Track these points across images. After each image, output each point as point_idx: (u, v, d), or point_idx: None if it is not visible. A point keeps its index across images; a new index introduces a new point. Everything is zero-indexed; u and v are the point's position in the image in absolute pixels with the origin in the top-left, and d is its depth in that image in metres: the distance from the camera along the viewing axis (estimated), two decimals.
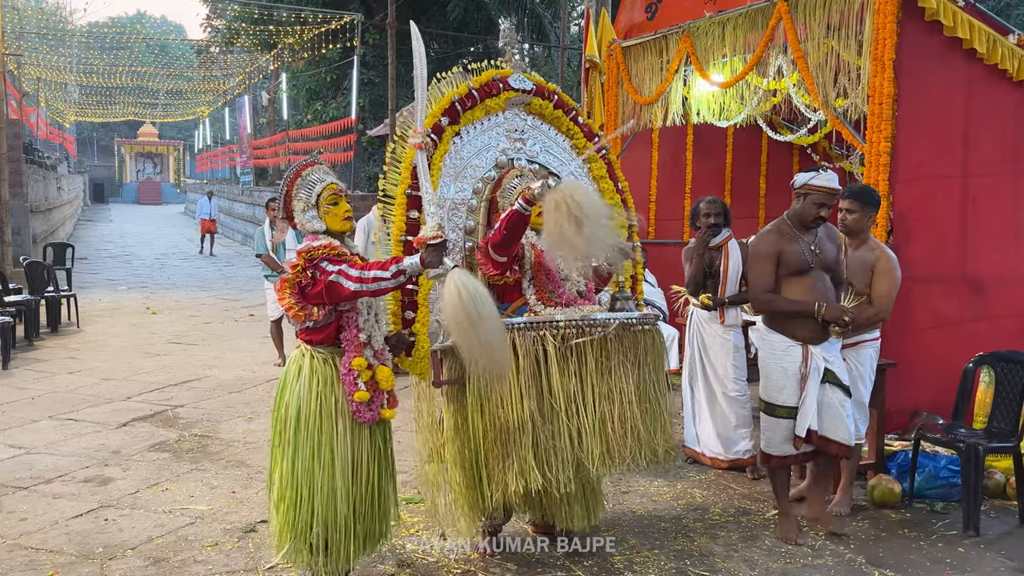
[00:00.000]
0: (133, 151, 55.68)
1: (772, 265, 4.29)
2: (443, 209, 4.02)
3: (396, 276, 3.30)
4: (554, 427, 3.66)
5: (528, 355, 3.68)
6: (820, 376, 4.24)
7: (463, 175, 4.17)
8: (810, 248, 4.27)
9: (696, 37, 6.97)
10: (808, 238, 4.29)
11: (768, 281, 4.31)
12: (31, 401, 7.19)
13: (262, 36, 23.20)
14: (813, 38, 5.83)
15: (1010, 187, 5.72)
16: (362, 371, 3.46)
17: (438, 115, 4.01)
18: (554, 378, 3.69)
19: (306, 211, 3.53)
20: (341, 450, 3.44)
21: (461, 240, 4.11)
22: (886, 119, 5.29)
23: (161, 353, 9.41)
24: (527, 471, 3.60)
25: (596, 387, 3.77)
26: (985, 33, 5.41)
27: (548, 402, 3.68)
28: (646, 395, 3.91)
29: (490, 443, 3.67)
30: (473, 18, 21.40)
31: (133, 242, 26.31)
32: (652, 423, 3.90)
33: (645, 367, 3.93)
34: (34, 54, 29.98)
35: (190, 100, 43.34)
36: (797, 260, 4.25)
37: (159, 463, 5.57)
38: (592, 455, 3.68)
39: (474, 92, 4.12)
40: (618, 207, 4.44)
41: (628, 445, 3.78)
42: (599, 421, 3.74)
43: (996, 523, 4.64)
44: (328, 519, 3.42)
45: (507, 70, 4.27)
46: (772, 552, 4.22)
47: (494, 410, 3.67)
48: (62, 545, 4.25)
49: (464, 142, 4.18)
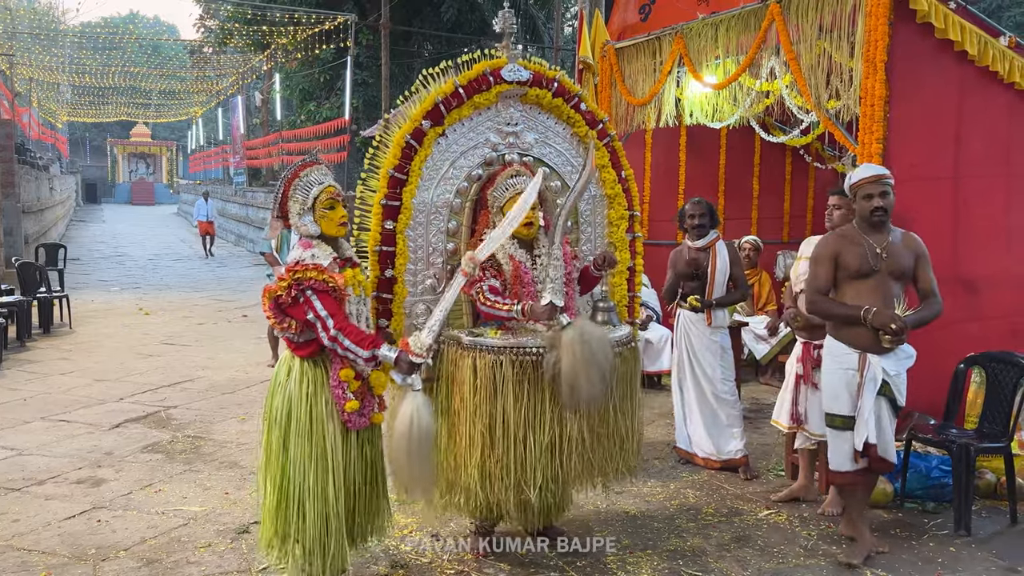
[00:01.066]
0: (126, 151, 55.51)
1: (828, 267, 4.12)
2: (422, 214, 3.98)
3: (369, 361, 3.34)
4: (502, 450, 3.63)
5: (485, 378, 3.65)
6: (876, 387, 4.01)
7: (447, 176, 4.05)
8: (875, 251, 4.02)
9: (689, 38, 6.98)
10: (875, 240, 4.04)
11: (822, 283, 4.14)
12: (23, 402, 7.17)
13: (255, 36, 23.16)
14: (805, 40, 5.85)
15: (1002, 188, 5.74)
16: (350, 381, 3.45)
17: (419, 119, 3.89)
18: (508, 403, 3.63)
19: (302, 214, 3.47)
20: (331, 451, 3.44)
21: (443, 243, 4.06)
22: (878, 120, 5.31)
23: (154, 354, 9.39)
24: (472, 490, 3.66)
25: (550, 411, 3.66)
26: (976, 35, 5.44)
27: (499, 425, 3.64)
28: (605, 417, 3.80)
29: (443, 455, 3.76)
30: (467, 19, 21.38)
31: (126, 243, 26.23)
32: (610, 445, 3.81)
33: (614, 388, 3.82)
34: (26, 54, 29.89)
35: (183, 100, 43.22)
36: (856, 262, 4.04)
37: (152, 464, 5.56)
38: (535, 481, 3.63)
39: (460, 90, 3.93)
40: (619, 197, 4.42)
41: (574, 469, 3.71)
42: (547, 447, 3.65)
43: (987, 523, 4.66)
44: (319, 520, 3.42)
45: (501, 60, 4.05)
46: (765, 552, 4.24)
47: (449, 426, 3.75)
48: (55, 546, 4.24)
49: (450, 141, 4.03)
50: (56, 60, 33.66)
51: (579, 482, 3.81)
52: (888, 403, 4.07)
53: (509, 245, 3.92)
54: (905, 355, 4.09)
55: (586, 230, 4.40)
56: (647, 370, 7.71)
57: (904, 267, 4.05)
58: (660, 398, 7.20)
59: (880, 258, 4.02)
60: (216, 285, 16.45)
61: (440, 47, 22.69)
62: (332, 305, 3.35)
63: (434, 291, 3.98)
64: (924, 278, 4.11)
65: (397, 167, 3.88)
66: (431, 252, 4.02)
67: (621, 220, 4.42)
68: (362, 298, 3.59)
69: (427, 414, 3.37)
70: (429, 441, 3.38)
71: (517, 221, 3.74)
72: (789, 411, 4.93)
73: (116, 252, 23.33)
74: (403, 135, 3.89)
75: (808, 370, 4.81)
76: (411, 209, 3.92)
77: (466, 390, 3.68)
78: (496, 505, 3.75)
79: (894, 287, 4.05)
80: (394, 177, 3.88)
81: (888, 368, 4.02)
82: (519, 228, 3.84)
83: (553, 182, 4.28)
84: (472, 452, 3.66)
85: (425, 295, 3.98)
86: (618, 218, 4.41)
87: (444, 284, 3.95)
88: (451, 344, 3.80)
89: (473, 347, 3.69)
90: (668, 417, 6.08)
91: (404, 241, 3.92)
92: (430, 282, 4.01)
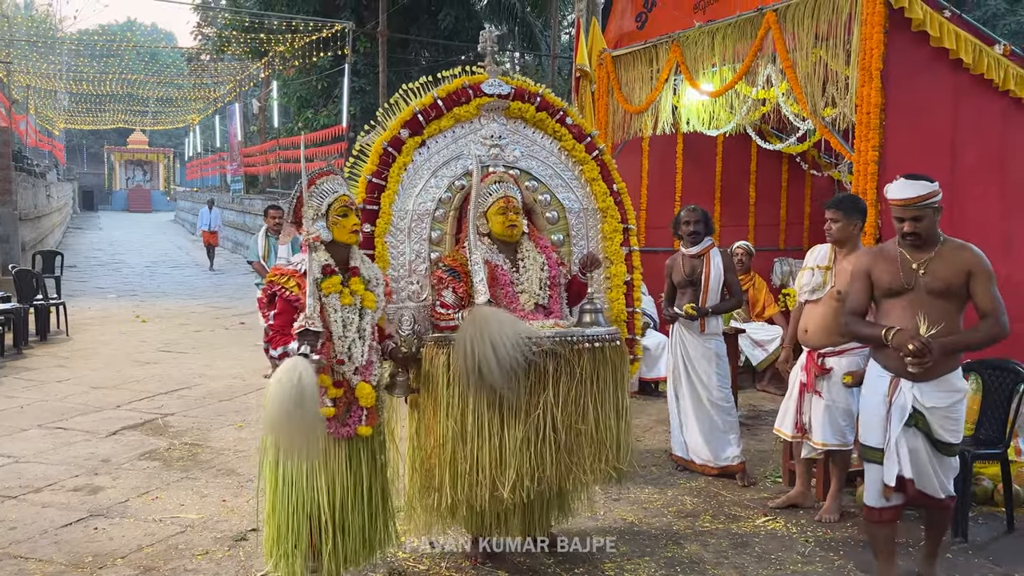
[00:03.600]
0: (123, 159, 55.47)
1: (860, 284, 3.82)
2: (404, 221, 4.06)
3: (280, 357, 3.34)
4: (475, 447, 3.60)
5: (456, 372, 3.62)
6: (904, 416, 3.62)
7: (429, 186, 4.13)
8: (909, 267, 3.65)
9: (686, 46, 7.01)
10: (914, 256, 3.67)
11: (856, 301, 3.83)
12: (20, 410, 7.15)
13: (253, 44, 23.17)
14: (801, 48, 5.88)
15: (997, 195, 5.77)
16: (328, 388, 3.45)
17: (397, 128, 4.02)
18: (479, 397, 3.59)
19: (315, 220, 3.52)
20: (324, 460, 3.43)
21: (426, 251, 4.11)
22: (874, 128, 5.34)
23: (151, 361, 9.38)
24: (443, 491, 3.65)
25: (524, 405, 3.58)
26: (971, 43, 5.47)
27: (471, 422, 3.61)
28: (584, 413, 3.67)
29: (424, 456, 3.80)
30: (464, 26, 21.41)
31: (123, 250, 26.21)
32: (591, 444, 3.69)
33: (589, 384, 3.68)
34: (24, 61, 29.92)
35: (180, 108, 43.26)
36: (887, 279, 3.71)
37: (149, 471, 5.56)
38: (507, 478, 3.55)
39: (439, 102, 4.08)
40: (611, 210, 4.43)
41: (552, 466, 3.61)
42: (521, 442, 3.56)
43: (984, 529, 4.66)
44: (315, 528, 3.41)
45: (481, 76, 4.19)
46: (762, 559, 4.24)
47: (426, 426, 3.77)
48: (51, 554, 4.23)
49: (431, 152, 4.15)
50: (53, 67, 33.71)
51: (560, 481, 3.69)
52: (926, 439, 3.64)
53: (485, 249, 3.96)
54: (951, 388, 3.65)
55: (578, 243, 4.41)
56: (644, 376, 7.73)
57: (946, 284, 3.61)
58: (657, 405, 7.21)
59: (916, 275, 3.65)
60: (213, 292, 16.45)
61: (438, 55, 22.74)
62: (283, 316, 3.40)
63: (418, 298, 4.04)
64: (978, 295, 3.62)
65: (375, 173, 4.02)
66: (414, 259, 4.09)
67: (615, 233, 4.43)
68: (356, 308, 3.53)
69: (305, 373, 3.15)
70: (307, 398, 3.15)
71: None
72: (793, 420, 4.89)
73: (113, 259, 23.32)
74: (381, 143, 4.05)
75: (811, 379, 4.76)
76: (390, 214, 4.02)
77: (440, 386, 3.69)
78: (473, 509, 3.74)
79: (936, 305, 3.61)
80: (372, 182, 4.01)
81: (924, 399, 3.62)
82: (503, 230, 3.95)
83: (542, 195, 4.32)
84: (443, 450, 3.65)
85: (408, 302, 4.02)
86: (611, 231, 4.43)
87: (427, 292, 4.03)
88: (428, 344, 3.83)
89: (445, 342, 3.71)
90: (665, 424, 6.08)
91: (384, 246, 3.99)
92: (414, 288, 4.05)
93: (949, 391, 3.65)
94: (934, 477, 3.69)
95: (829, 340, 4.68)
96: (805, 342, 4.82)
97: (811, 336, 4.76)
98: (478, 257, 3.88)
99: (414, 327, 3.86)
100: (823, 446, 4.75)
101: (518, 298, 3.97)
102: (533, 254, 4.06)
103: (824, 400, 4.72)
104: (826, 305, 4.68)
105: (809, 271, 4.80)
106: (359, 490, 3.57)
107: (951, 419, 3.66)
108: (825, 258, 4.77)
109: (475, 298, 3.81)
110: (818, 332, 4.71)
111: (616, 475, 3.84)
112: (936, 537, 3.96)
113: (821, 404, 4.73)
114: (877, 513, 3.75)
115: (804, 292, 4.80)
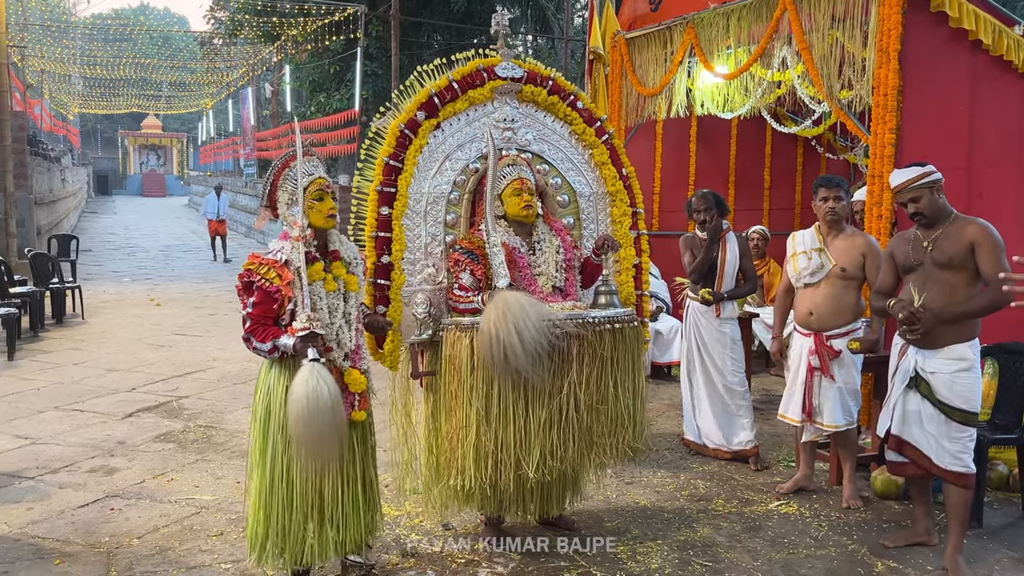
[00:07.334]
0: (137, 143, 55.70)
1: (886, 267, 4.19)
2: (420, 204, 4.04)
3: (272, 352, 3.34)
4: (499, 427, 3.62)
5: (479, 359, 3.64)
6: (906, 378, 3.98)
7: (444, 168, 4.13)
8: (920, 244, 3.94)
9: (700, 28, 6.95)
10: (925, 234, 3.94)
11: (882, 281, 4.21)
12: (37, 392, 7.22)
13: (265, 28, 23.16)
14: (818, 29, 5.81)
15: (1015, 178, 5.70)
16: None
17: (413, 110, 4.00)
18: (503, 383, 3.61)
19: (290, 205, 3.42)
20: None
21: (441, 234, 4.11)
22: (891, 110, 5.28)
23: (165, 344, 9.44)
24: (467, 473, 3.65)
25: (549, 386, 3.63)
26: (991, 24, 5.39)
27: (496, 403, 3.62)
28: (604, 393, 3.73)
29: (443, 437, 3.79)
30: (477, 10, 21.29)
31: (137, 234, 26.33)
32: (610, 423, 3.75)
33: (610, 365, 3.75)
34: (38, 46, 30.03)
35: (194, 92, 43.39)
36: (902, 257, 4.04)
37: (164, 453, 5.60)
38: (532, 458, 3.59)
39: (454, 84, 4.07)
40: (621, 193, 4.42)
41: (574, 445, 3.67)
42: (545, 422, 3.62)
43: (999, 514, 4.65)
44: (300, 515, 3.39)
45: (495, 59, 4.19)
46: (775, 543, 4.24)
47: (447, 410, 3.76)
48: (68, 535, 4.27)
49: (446, 135, 4.13)
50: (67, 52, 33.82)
51: (580, 460, 3.74)
52: (931, 404, 3.90)
53: (503, 232, 3.97)
54: (956, 356, 3.85)
55: (588, 226, 4.41)
56: (657, 361, 7.72)
57: (950, 256, 3.82)
58: (671, 389, 7.20)
59: (925, 251, 3.91)
60: (227, 276, 16.50)
61: (450, 38, 22.64)
62: (262, 307, 3.34)
63: (434, 280, 4.02)
64: (982, 264, 3.79)
65: (392, 155, 3.98)
66: (430, 242, 4.08)
67: (624, 217, 4.42)
68: (340, 293, 3.48)
69: (323, 380, 3.20)
70: (337, 411, 3.23)
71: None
72: (800, 404, 4.86)
73: (127, 243, 23.43)
74: (398, 124, 4.00)
75: (825, 362, 4.72)
76: (407, 197, 4.00)
77: (464, 370, 3.68)
78: (495, 490, 3.74)
79: (943, 278, 3.84)
80: (389, 165, 3.97)
81: (926, 365, 3.90)
82: (518, 211, 3.95)
83: (553, 179, 4.31)
84: (468, 432, 3.65)
85: (424, 284, 4.01)
86: (620, 215, 4.42)
87: (443, 275, 4.02)
88: (450, 328, 3.81)
89: (470, 327, 3.70)
90: (678, 408, 6.07)
91: (401, 229, 3.97)
92: (429, 271, 4.04)
93: (953, 359, 3.86)
94: (933, 441, 3.91)
95: (842, 319, 4.68)
96: (809, 325, 4.77)
97: (819, 318, 4.73)
98: (496, 240, 3.89)
99: (430, 310, 3.84)
100: (834, 428, 4.74)
101: (536, 280, 3.97)
102: (548, 236, 4.06)
103: (837, 382, 4.70)
104: (832, 284, 4.69)
105: (804, 255, 4.79)
106: (352, 472, 3.54)
107: (957, 385, 3.84)
108: (814, 241, 4.81)
109: (496, 281, 3.81)
110: (830, 313, 4.70)
111: (632, 453, 3.87)
112: (956, 525, 3.95)
113: (833, 387, 4.71)
114: (896, 467, 4.13)
115: (805, 277, 4.77)
